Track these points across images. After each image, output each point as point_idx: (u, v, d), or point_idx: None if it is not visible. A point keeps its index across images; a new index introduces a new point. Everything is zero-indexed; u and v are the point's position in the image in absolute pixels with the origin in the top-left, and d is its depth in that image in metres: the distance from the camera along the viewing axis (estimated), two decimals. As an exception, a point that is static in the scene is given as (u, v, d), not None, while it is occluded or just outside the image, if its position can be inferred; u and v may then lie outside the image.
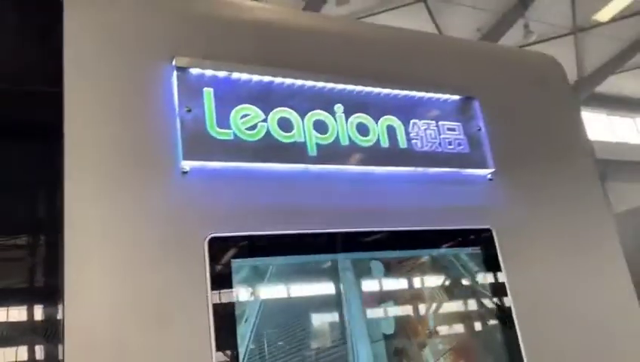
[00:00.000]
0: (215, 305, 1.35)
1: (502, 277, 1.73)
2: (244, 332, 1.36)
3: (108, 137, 1.42)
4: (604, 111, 17.07)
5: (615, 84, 15.73)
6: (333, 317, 1.50)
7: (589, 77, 15.47)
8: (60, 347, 1.19)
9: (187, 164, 1.46)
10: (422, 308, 1.62)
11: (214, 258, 1.39)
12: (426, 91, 1.85)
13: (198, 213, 1.44)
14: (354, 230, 1.60)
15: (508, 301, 1.71)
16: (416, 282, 1.64)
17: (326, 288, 1.54)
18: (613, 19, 12.39)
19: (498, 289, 1.72)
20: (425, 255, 1.68)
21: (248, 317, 1.38)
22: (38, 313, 1.27)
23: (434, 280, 1.67)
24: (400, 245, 1.65)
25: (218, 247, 1.41)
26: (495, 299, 1.71)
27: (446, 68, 1.96)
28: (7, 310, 1.24)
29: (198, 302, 1.35)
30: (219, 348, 1.32)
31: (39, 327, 1.25)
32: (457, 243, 1.73)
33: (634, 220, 4.33)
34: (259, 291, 1.43)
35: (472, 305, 1.70)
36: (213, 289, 1.36)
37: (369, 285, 1.57)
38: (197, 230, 1.41)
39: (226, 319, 1.35)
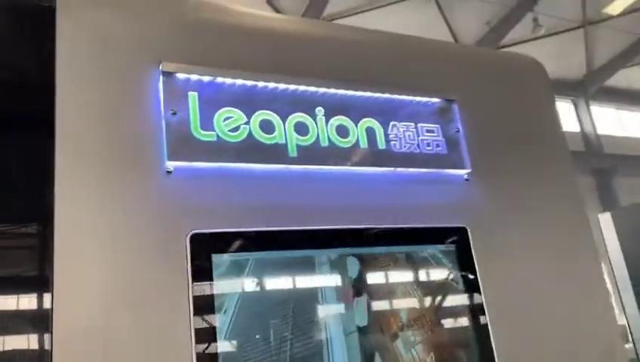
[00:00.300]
0: (195, 297, 1.44)
1: (475, 274, 1.81)
2: (223, 323, 1.46)
3: (97, 136, 1.51)
4: (613, 105, 16.92)
5: (625, 78, 15.57)
6: (309, 309, 1.59)
7: (598, 70, 15.34)
8: (48, 336, 1.29)
9: (171, 165, 1.55)
10: (395, 302, 1.70)
11: (195, 253, 1.48)
12: (406, 94, 1.93)
13: (182, 211, 1.53)
14: (331, 227, 1.68)
15: (480, 297, 1.79)
16: (391, 277, 1.73)
17: (303, 282, 1.62)
18: (624, 13, 12.27)
19: (471, 286, 1.80)
20: (400, 252, 1.76)
21: (227, 309, 1.48)
22: (28, 302, 1.37)
23: (408, 276, 1.75)
24: (376, 242, 1.73)
25: (199, 243, 1.50)
26: (468, 295, 1.79)
27: (426, 71, 2.03)
28: None
29: (180, 293, 1.44)
30: (198, 338, 1.41)
31: (28, 317, 1.34)
32: (432, 240, 1.81)
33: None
34: (238, 284, 1.52)
35: (445, 300, 1.78)
36: (194, 281, 1.45)
37: (344, 280, 1.66)
38: (180, 226, 1.50)
39: (205, 310, 1.44)
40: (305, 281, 1.62)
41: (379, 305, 1.69)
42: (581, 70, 15.51)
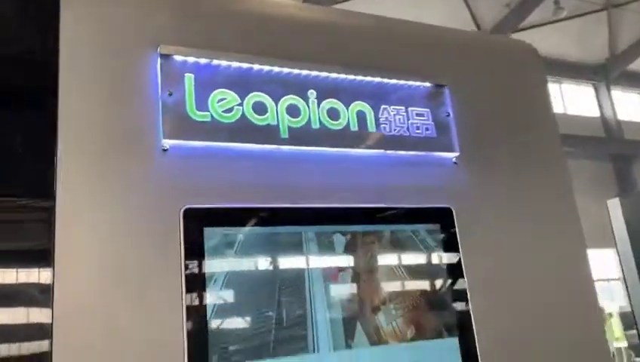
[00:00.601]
0: (187, 267, 1.54)
1: (458, 253, 1.88)
2: (213, 292, 1.56)
3: (98, 115, 1.61)
4: (636, 90, 16.57)
5: (648, 63, 15.25)
6: (296, 282, 1.68)
7: (621, 54, 15.00)
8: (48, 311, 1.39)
9: (167, 143, 1.64)
10: (378, 277, 1.79)
11: (188, 227, 1.58)
12: (397, 78, 1.98)
13: (176, 187, 1.62)
14: (319, 205, 1.77)
15: (462, 275, 1.86)
16: (375, 254, 1.81)
17: (290, 257, 1.71)
18: (649, -5, 11.96)
19: (453, 264, 1.87)
20: (386, 230, 1.84)
21: (217, 279, 1.58)
22: (28, 277, 1.48)
23: (392, 253, 1.83)
24: (362, 220, 1.81)
25: (192, 217, 1.60)
26: (450, 274, 1.87)
27: (417, 55, 2.08)
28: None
29: (173, 264, 1.54)
30: (189, 306, 1.51)
31: (30, 290, 1.45)
32: (418, 220, 1.88)
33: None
34: (227, 257, 1.61)
35: (428, 277, 1.86)
36: (186, 253, 1.55)
37: (330, 256, 1.75)
38: (174, 202, 1.59)
39: (196, 280, 1.55)
40: (292, 256, 1.71)
41: (362, 280, 1.77)
42: (603, 54, 15.19)
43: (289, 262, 1.72)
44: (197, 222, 1.60)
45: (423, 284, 1.86)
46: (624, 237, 4.65)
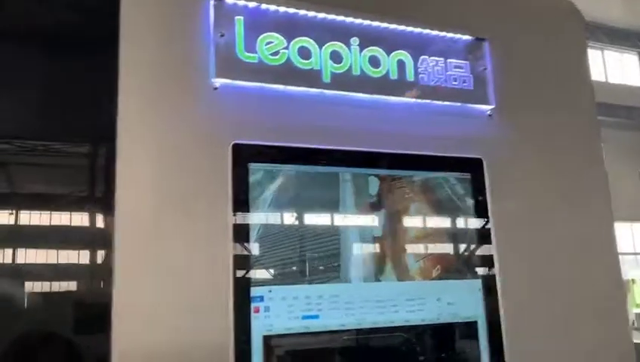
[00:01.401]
0: (234, 199, 1.68)
1: (486, 202, 1.97)
2: (256, 217, 1.70)
3: (155, 55, 1.72)
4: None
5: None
6: (331, 218, 1.81)
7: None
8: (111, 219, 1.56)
9: (217, 81, 1.75)
10: (408, 219, 1.90)
11: (236, 161, 1.71)
12: (439, 30, 2.03)
13: (225, 124, 1.75)
14: (357, 149, 1.87)
15: (488, 223, 1.96)
16: (407, 198, 1.92)
17: (327, 194, 1.84)
18: None
19: (480, 212, 1.97)
20: (418, 175, 1.94)
21: (260, 209, 1.71)
22: (91, 215, 1.63)
23: (422, 198, 1.93)
24: (396, 165, 1.91)
25: (239, 153, 1.72)
26: (476, 220, 1.97)
27: (459, 8, 2.11)
28: (70, 215, 1.61)
29: (222, 195, 1.68)
30: (235, 233, 1.66)
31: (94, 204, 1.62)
32: (448, 168, 1.97)
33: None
34: (269, 190, 1.75)
35: (455, 222, 1.97)
36: (233, 185, 1.69)
37: (364, 196, 1.86)
38: (223, 138, 1.72)
39: (242, 210, 1.69)
40: (329, 194, 1.83)
41: (393, 221, 1.88)
42: (650, 19, 14.49)
43: (326, 199, 1.84)
44: (244, 157, 1.72)
45: (451, 228, 1.96)
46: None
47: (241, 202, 1.69)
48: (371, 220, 1.86)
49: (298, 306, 1.70)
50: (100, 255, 1.60)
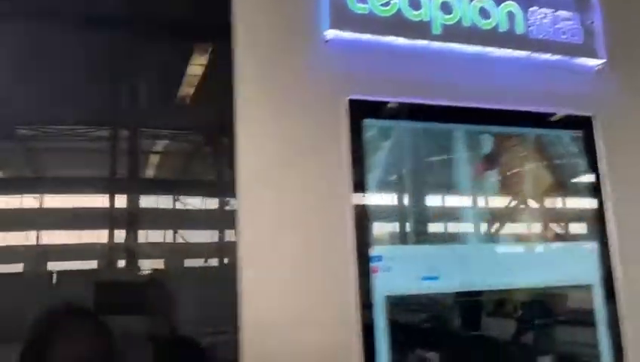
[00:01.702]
0: (352, 152, 1.60)
1: (596, 160, 1.89)
2: (372, 175, 1.63)
3: (270, 14, 1.64)
4: None
5: None
6: (446, 175, 1.74)
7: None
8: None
9: (330, 33, 1.66)
10: (521, 177, 1.82)
11: (352, 116, 1.63)
12: (548, -20, 1.92)
13: (339, 77, 1.66)
14: (469, 105, 1.78)
15: (601, 183, 1.88)
16: (519, 155, 1.83)
17: (440, 151, 1.76)
18: None
19: (592, 169, 1.88)
20: (530, 133, 1.85)
21: (376, 165, 1.64)
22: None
23: (535, 156, 1.85)
24: (507, 122, 1.83)
25: (354, 108, 1.64)
26: (587, 178, 1.88)
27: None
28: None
29: (337, 149, 1.61)
30: (354, 181, 1.60)
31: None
32: (560, 125, 1.88)
33: None
34: (385, 147, 1.67)
35: (568, 182, 1.89)
36: (351, 140, 1.61)
37: (478, 154, 1.78)
38: (339, 91, 1.64)
39: (357, 163, 1.61)
40: (442, 150, 1.75)
41: (507, 180, 1.81)
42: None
43: (440, 157, 1.77)
44: (359, 113, 1.64)
45: (564, 189, 1.88)
46: None
47: (358, 158, 1.62)
48: (486, 180, 1.78)
49: (418, 267, 1.63)
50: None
